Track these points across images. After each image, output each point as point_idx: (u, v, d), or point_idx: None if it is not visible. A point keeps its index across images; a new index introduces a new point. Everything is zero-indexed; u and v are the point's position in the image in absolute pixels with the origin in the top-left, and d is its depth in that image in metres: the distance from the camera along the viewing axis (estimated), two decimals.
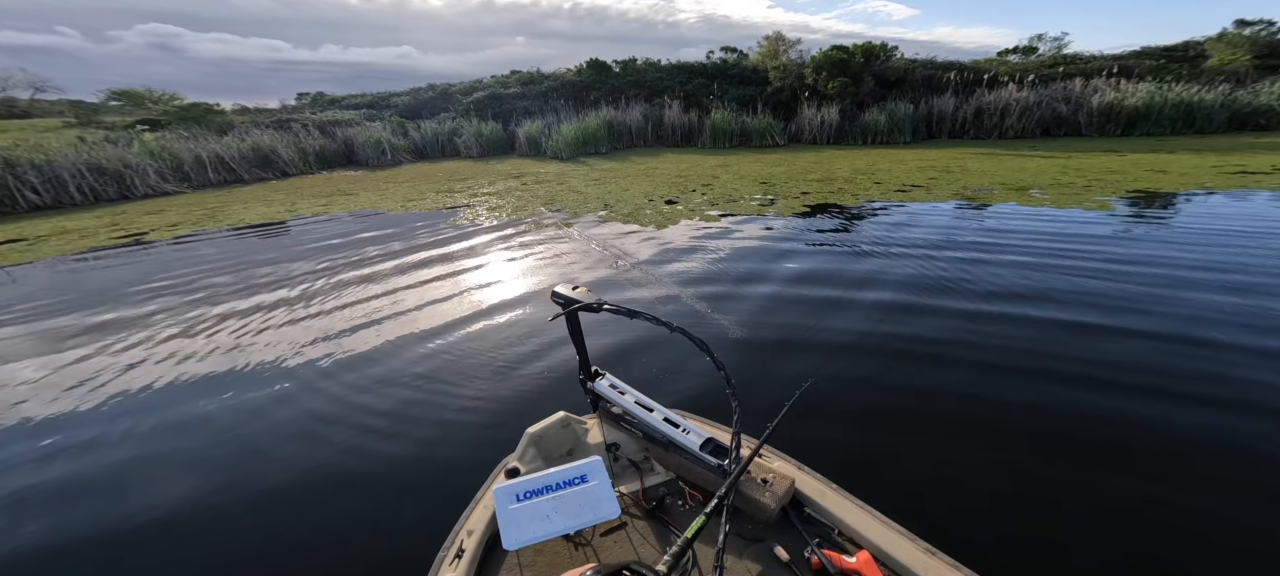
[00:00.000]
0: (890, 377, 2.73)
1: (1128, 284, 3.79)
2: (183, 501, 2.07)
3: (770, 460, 1.35)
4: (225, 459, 2.31)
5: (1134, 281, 3.83)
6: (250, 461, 2.29)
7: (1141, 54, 16.59)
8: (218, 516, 2.00)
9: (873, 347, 3.03)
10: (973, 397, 2.52)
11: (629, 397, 1.50)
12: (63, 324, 3.84)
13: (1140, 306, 3.40)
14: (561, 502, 1.07)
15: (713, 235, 5.62)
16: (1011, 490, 1.97)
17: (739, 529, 1.21)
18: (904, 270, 4.26)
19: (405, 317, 3.71)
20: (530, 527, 1.03)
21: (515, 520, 1.04)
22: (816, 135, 15.06)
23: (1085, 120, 14.28)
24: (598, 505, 1.09)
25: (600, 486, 1.12)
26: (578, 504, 1.07)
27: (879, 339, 3.13)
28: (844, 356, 2.95)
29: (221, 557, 1.82)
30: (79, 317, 3.94)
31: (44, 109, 25.20)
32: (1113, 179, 7.88)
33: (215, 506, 2.04)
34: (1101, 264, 4.21)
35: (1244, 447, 2.14)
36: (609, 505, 1.11)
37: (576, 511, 1.07)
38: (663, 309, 3.69)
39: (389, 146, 14.63)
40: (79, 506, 2.07)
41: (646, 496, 1.35)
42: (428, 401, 2.65)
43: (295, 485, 2.13)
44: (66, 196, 9.22)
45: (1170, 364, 2.73)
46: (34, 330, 3.76)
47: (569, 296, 1.40)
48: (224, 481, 2.17)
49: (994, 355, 2.89)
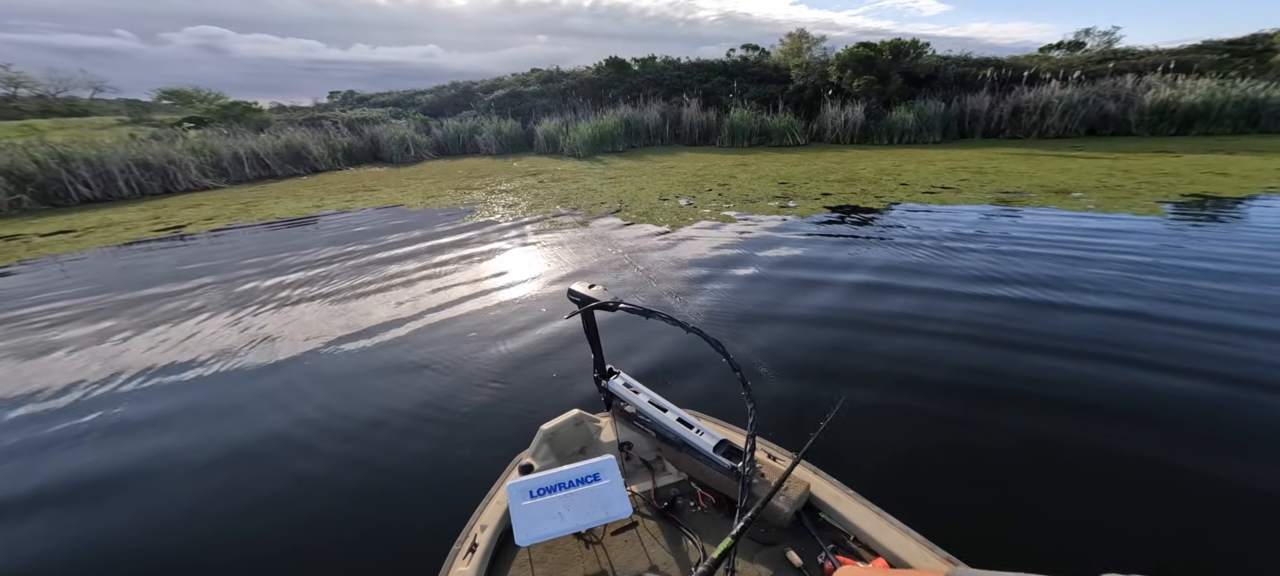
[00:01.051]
0: (909, 400, 2.56)
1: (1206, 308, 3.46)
2: (197, 483, 2.14)
3: (784, 464, 1.33)
4: (244, 442, 2.38)
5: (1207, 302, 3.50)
6: (264, 445, 2.35)
7: (1202, 48, 15.38)
8: (232, 499, 2.06)
9: (906, 361, 2.86)
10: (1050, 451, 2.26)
11: (642, 397, 1.50)
12: (103, 306, 4.07)
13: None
14: (574, 500, 1.07)
15: (727, 236, 5.48)
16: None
17: (751, 531, 1.20)
18: (933, 276, 4.04)
19: (419, 310, 3.77)
20: (542, 524, 1.04)
21: (528, 516, 1.06)
22: (839, 134, 14.60)
23: (1135, 118, 13.35)
24: (609, 504, 1.10)
25: (613, 485, 1.12)
26: (590, 502, 1.07)
27: (913, 354, 2.95)
28: (872, 365, 2.80)
29: (233, 538, 1.88)
30: (115, 302, 4.16)
31: (102, 107, 27.06)
32: (1165, 181, 7.31)
33: (228, 487, 2.09)
34: (1176, 278, 3.82)
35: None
36: (621, 504, 1.11)
37: (588, 509, 1.07)
38: (675, 308, 3.60)
39: (412, 143, 15.00)
40: (91, 503, 2.15)
41: (658, 496, 1.35)
42: (440, 394, 2.68)
43: (311, 474, 2.17)
44: (115, 190, 9.81)
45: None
46: (81, 313, 3.99)
47: (585, 294, 1.41)
48: (240, 464, 2.24)
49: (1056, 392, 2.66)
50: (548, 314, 3.66)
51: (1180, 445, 2.14)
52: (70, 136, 11.64)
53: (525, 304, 3.88)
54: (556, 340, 3.22)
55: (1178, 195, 6.47)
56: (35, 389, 2.93)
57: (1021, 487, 1.98)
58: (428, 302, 3.96)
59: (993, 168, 9.16)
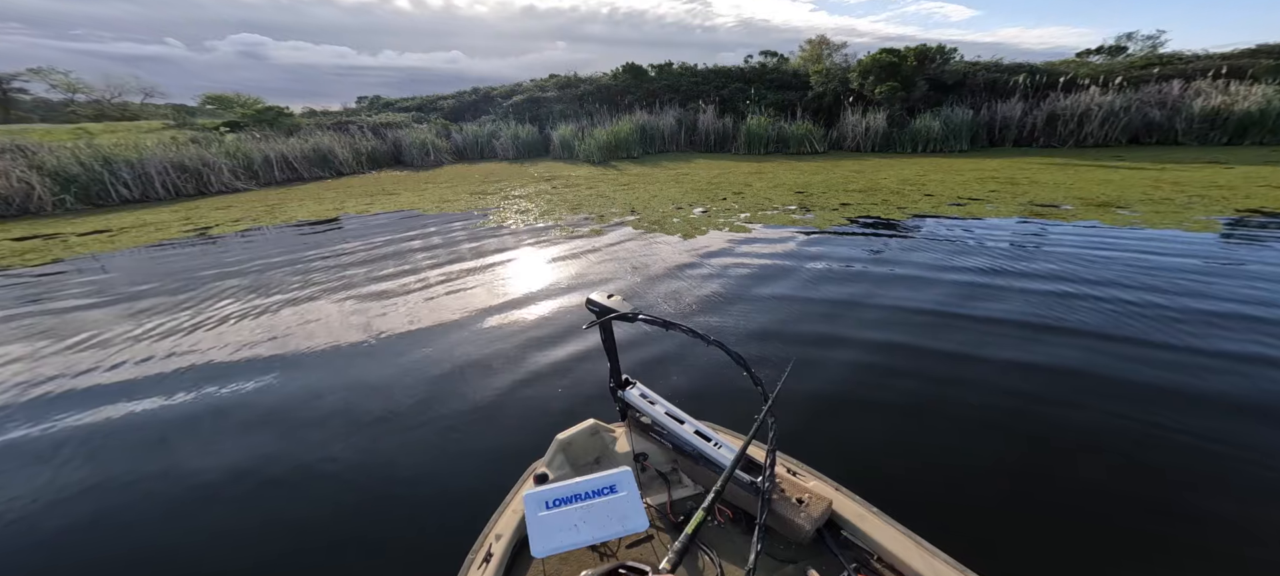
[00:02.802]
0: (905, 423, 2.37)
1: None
2: (214, 479, 2.12)
3: (806, 480, 1.30)
4: (259, 442, 2.38)
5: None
6: (278, 445, 2.37)
7: (1257, 52, 14.39)
8: (245, 497, 2.08)
9: (893, 375, 2.66)
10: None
11: (659, 408, 1.48)
12: (130, 302, 4.20)
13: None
14: (590, 512, 1.06)
15: (739, 246, 5.32)
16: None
17: (771, 549, 1.18)
18: (958, 296, 3.79)
19: (427, 315, 3.76)
20: (558, 536, 1.02)
21: (544, 527, 1.03)
22: (860, 142, 14.22)
23: (1183, 127, 12.57)
24: (626, 517, 1.07)
25: (629, 497, 1.10)
26: (606, 514, 1.06)
27: (895, 370, 2.75)
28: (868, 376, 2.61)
29: (251, 533, 1.90)
30: (131, 301, 4.29)
31: (151, 112, 28.76)
32: (1218, 195, 6.79)
33: (239, 488, 2.09)
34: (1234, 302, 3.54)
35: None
36: (637, 517, 1.08)
37: (604, 522, 1.05)
38: (690, 320, 3.47)
39: (432, 148, 15.33)
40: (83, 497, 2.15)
41: (674, 509, 1.34)
42: (451, 400, 2.68)
43: (326, 479, 2.17)
44: (153, 191, 10.30)
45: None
46: (112, 309, 4.13)
47: (604, 304, 1.39)
48: (253, 463, 2.25)
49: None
50: (556, 323, 3.61)
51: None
52: (117, 139, 12.32)
53: (534, 311, 3.84)
54: (564, 348, 3.18)
55: (1233, 210, 5.98)
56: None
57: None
58: (437, 308, 3.96)
59: (1026, 178, 8.71)
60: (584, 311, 1.52)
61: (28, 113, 27.25)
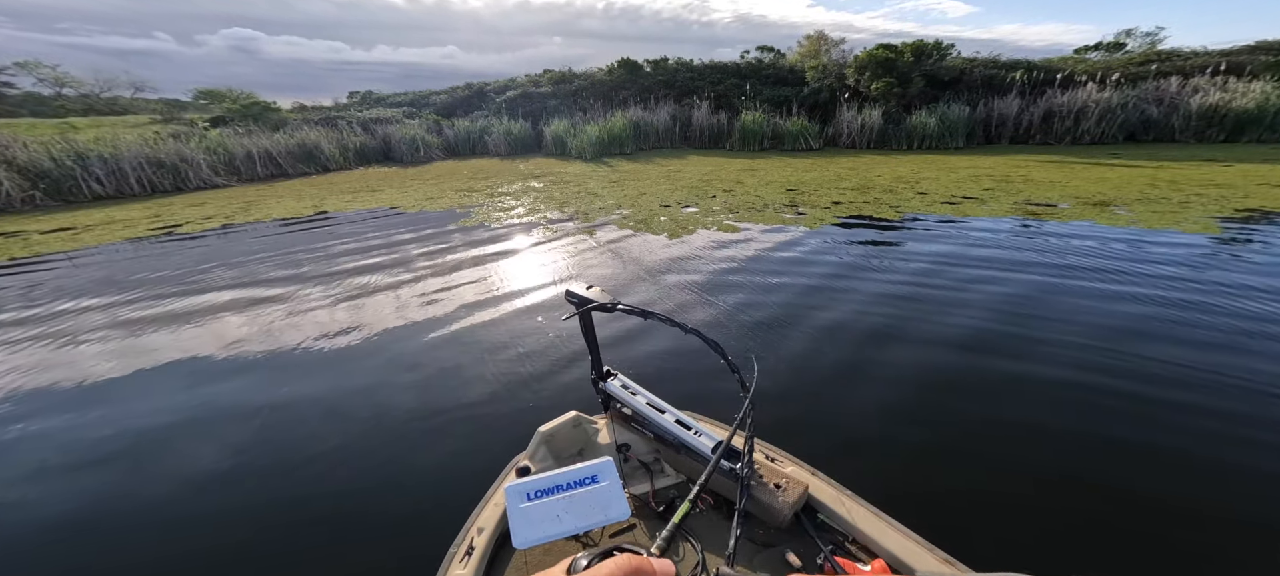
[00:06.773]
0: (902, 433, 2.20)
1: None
2: (197, 479, 1.97)
3: (783, 465, 1.33)
4: (238, 444, 2.27)
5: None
6: (252, 449, 2.30)
7: (1256, 49, 14.27)
8: (230, 499, 2.04)
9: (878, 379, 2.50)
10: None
11: (640, 398, 1.49)
12: (120, 307, 3.98)
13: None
14: (572, 502, 1.02)
15: (725, 247, 5.14)
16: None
17: (750, 533, 1.21)
18: (949, 310, 3.62)
19: (403, 313, 3.63)
20: (540, 526, 0.98)
21: (526, 519, 0.99)
22: (856, 139, 14.05)
23: (1181, 124, 12.45)
24: (608, 506, 1.03)
25: (611, 487, 1.06)
26: (588, 504, 1.02)
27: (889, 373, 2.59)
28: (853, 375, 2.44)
29: (233, 530, 1.88)
30: (93, 304, 4.06)
31: (141, 106, 28.31)
32: (1216, 194, 6.65)
33: (227, 491, 1.98)
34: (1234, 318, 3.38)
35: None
36: (620, 506, 1.05)
37: (587, 512, 1.01)
38: (670, 311, 3.31)
39: (422, 143, 15.05)
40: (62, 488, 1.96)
41: (657, 498, 1.36)
42: (431, 397, 2.65)
43: (304, 479, 2.13)
44: (127, 187, 10.01)
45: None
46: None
47: (583, 295, 1.39)
48: (224, 467, 2.19)
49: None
50: (538, 319, 3.56)
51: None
52: (99, 135, 12.00)
53: (515, 308, 3.76)
54: (546, 343, 3.14)
55: (1232, 210, 5.83)
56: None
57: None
58: (407, 302, 3.86)
59: (1021, 176, 8.56)
60: (558, 312, 1.43)
61: (16, 107, 26.74)
